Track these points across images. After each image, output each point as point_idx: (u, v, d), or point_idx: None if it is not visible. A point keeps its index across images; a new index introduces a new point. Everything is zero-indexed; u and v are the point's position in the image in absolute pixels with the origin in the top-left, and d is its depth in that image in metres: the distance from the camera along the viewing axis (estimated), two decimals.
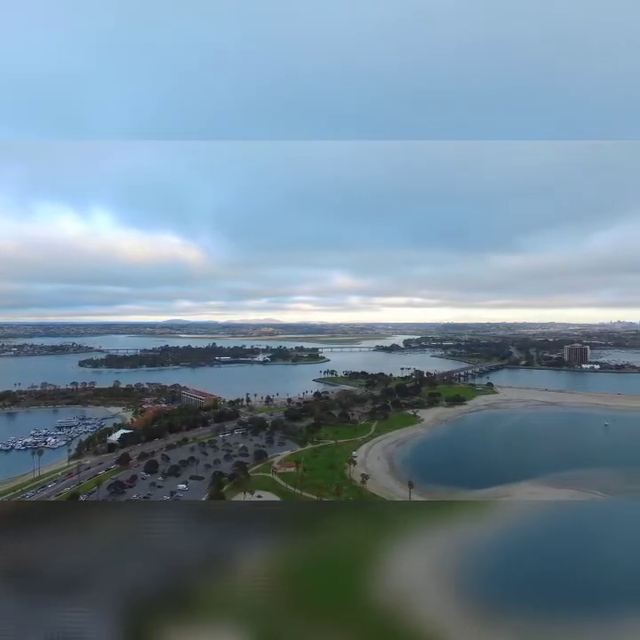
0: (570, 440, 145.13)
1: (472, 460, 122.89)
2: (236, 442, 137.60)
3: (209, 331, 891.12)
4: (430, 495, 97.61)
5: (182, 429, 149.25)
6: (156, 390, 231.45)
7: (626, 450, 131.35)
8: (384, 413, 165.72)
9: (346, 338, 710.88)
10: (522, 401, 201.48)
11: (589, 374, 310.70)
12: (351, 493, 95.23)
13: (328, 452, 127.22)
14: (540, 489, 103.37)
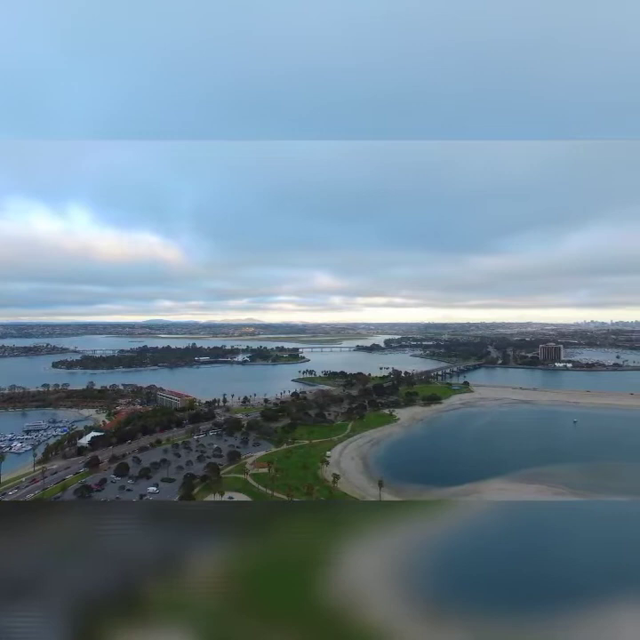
0: (540, 437, 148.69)
1: (445, 458, 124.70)
2: (210, 443, 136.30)
3: (189, 331, 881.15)
4: (401, 494, 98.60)
5: (156, 431, 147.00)
6: (131, 392, 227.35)
7: (592, 445, 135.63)
8: (360, 413, 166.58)
9: (327, 338, 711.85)
10: (496, 399, 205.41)
11: (562, 372, 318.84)
12: (322, 493, 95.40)
13: (302, 452, 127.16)
14: (510, 485, 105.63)
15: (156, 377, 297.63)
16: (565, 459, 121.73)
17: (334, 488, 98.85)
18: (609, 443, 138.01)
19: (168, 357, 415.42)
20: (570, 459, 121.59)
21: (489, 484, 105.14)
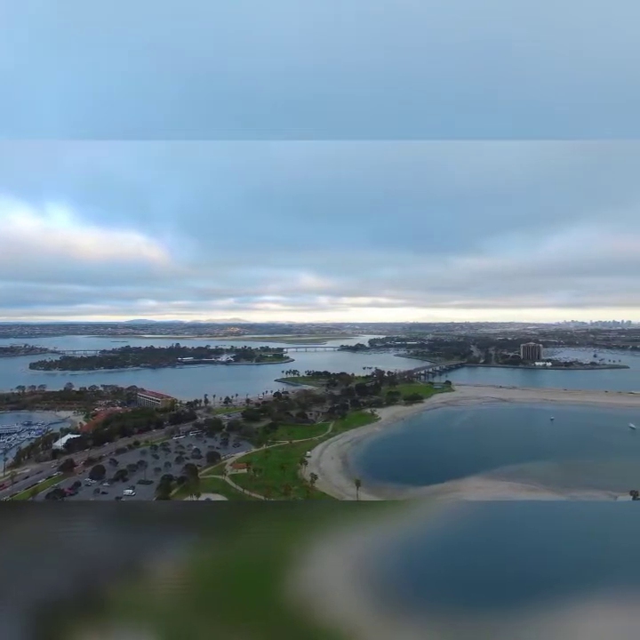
0: (518, 435, 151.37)
1: (425, 456, 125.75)
2: (189, 444, 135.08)
3: (174, 331, 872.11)
4: (379, 493, 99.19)
5: (135, 432, 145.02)
6: (111, 393, 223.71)
7: (567, 442, 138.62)
8: (342, 413, 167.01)
9: (312, 338, 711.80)
10: (477, 398, 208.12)
11: (542, 371, 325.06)
12: (300, 493, 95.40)
13: (282, 452, 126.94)
14: (487, 483, 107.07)
15: (138, 378, 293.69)
16: (541, 456, 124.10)
17: (312, 488, 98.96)
18: (583, 439, 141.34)
19: (151, 358, 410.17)
20: (545, 456, 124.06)
21: (466, 482, 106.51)
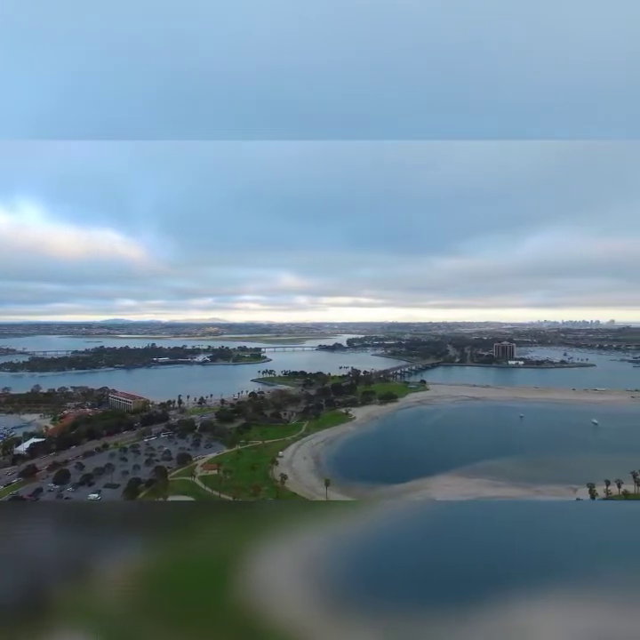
0: (488, 432, 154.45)
1: (397, 455, 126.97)
2: (160, 446, 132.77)
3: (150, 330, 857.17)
4: (349, 492, 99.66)
5: (104, 435, 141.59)
6: (81, 394, 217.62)
7: (534, 438, 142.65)
8: (316, 412, 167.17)
9: (291, 337, 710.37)
10: (450, 397, 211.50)
11: (514, 370, 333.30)
12: (270, 494, 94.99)
13: (255, 452, 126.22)
14: (455, 480, 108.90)
15: (111, 379, 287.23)
16: (509, 452, 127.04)
17: (283, 488, 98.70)
18: (549, 435, 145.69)
19: (125, 358, 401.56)
20: (512, 452, 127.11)
21: (435, 480, 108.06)
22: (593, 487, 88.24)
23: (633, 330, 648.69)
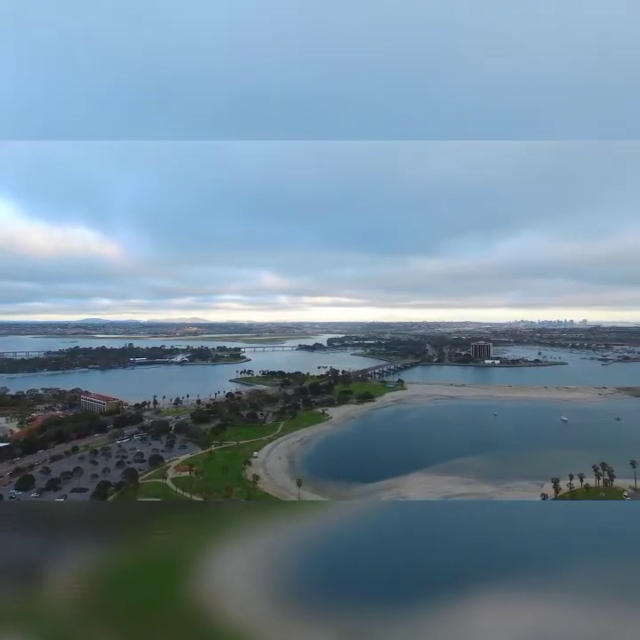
0: (463, 430, 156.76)
1: (372, 454, 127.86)
2: (133, 447, 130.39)
3: (128, 330, 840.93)
4: (323, 491, 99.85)
5: (74, 438, 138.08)
6: (52, 396, 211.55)
7: (507, 436, 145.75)
8: (293, 412, 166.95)
9: (271, 337, 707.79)
10: (427, 396, 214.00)
11: (491, 369, 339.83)
12: (243, 495, 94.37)
13: (229, 453, 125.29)
14: (427, 479, 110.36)
15: (85, 380, 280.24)
16: (481, 450, 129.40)
17: (256, 489, 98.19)
18: (520, 433, 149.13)
19: (101, 359, 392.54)
20: (484, 450, 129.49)
21: (408, 479, 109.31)
22: (557, 482, 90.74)
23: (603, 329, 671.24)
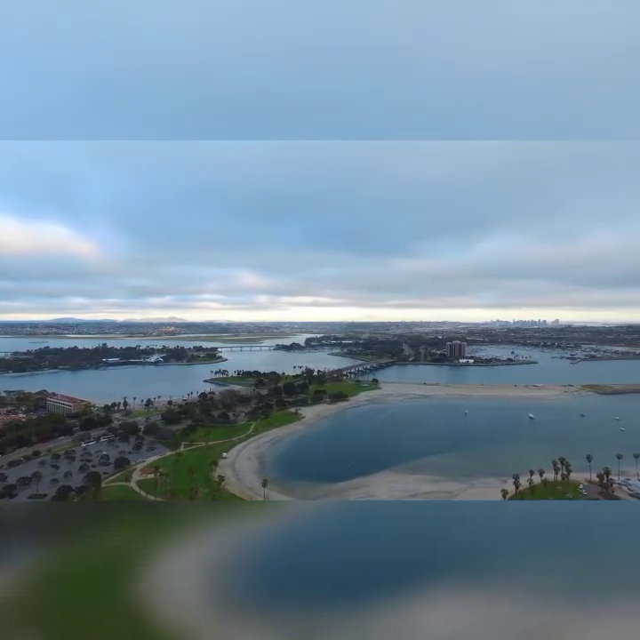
0: (434, 429, 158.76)
1: (343, 454, 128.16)
2: (98, 450, 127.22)
3: (103, 330, 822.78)
4: (290, 491, 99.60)
5: (35, 442, 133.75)
6: (16, 399, 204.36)
7: (475, 433, 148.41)
8: (266, 412, 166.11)
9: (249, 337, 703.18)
10: (401, 395, 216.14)
11: (465, 367, 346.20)
12: (209, 497, 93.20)
13: (198, 454, 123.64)
14: (395, 477, 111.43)
15: (54, 381, 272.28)
16: (450, 448, 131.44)
17: (222, 490, 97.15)
18: (488, 430, 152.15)
19: (72, 359, 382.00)
20: (453, 448, 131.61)
21: (377, 477, 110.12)
22: (517, 478, 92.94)
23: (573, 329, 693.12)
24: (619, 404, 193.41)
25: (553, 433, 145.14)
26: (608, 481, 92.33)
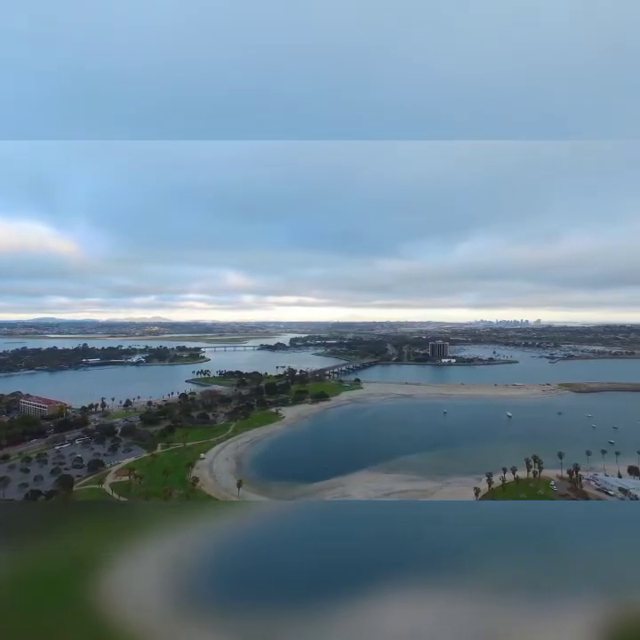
0: (413, 428, 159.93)
1: (322, 453, 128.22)
2: (72, 453, 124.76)
3: (85, 330, 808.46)
4: (267, 492, 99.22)
5: (5, 445, 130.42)
6: None
7: (453, 432, 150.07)
8: (246, 412, 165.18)
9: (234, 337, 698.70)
10: (382, 395, 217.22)
11: (447, 367, 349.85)
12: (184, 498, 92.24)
13: (176, 455, 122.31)
14: (373, 476, 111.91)
15: (30, 382, 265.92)
16: (427, 447, 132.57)
17: (198, 491, 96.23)
18: (467, 429, 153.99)
19: (51, 360, 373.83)
20: (431, 447, 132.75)
21: (354, 477, 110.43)
22: (491, 476, 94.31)
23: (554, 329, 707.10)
24: (592, 402, 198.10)
25: (529, 431, 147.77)
26: (577, 477, 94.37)
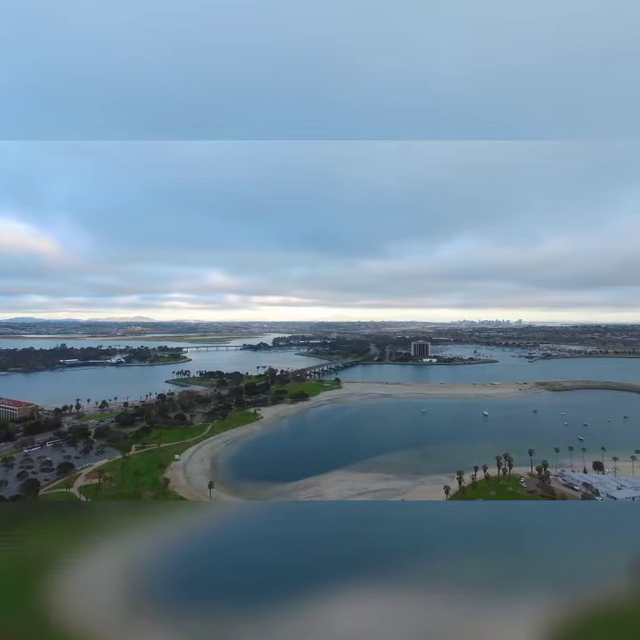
0: (391, 427, 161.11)
1: (298, 453, 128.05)
2: (41, 456, 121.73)
3: (64, 330, 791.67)
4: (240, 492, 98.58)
5: None
6: None
7: (431, 431, 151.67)
8: (224, 413, 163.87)
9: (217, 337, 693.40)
10: (362, 394, 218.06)
11: (428, 367, 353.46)
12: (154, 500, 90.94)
13: (150, 457, 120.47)
14: (348, 476, 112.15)
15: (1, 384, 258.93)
16: (404, 446, 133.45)
17: (170, 492, 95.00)
18: (444, 428, 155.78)
19: (25, 360, 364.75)
20: (408, 446, 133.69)
21: (329, 476, 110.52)
22: (462, 474, 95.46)
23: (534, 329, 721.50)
24: (566, 400, 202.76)
25: (504, 429, 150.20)
26: (546, 473, 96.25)
